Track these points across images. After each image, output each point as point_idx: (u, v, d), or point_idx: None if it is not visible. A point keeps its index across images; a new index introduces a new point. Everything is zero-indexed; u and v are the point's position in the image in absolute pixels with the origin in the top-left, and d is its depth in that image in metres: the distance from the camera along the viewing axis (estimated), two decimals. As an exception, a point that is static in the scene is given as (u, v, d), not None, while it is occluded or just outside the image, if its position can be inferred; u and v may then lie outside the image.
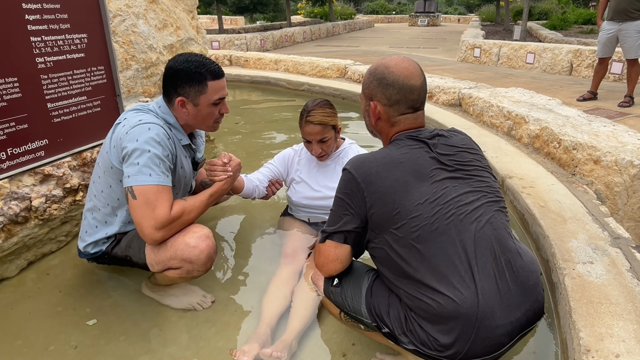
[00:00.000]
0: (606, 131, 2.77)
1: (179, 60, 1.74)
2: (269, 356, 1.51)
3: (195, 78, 1.72)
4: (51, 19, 2.05)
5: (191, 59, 1.73)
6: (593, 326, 1.36)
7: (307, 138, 2.07)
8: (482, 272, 1.25)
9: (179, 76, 1.72)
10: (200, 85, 1.73)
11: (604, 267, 1.65)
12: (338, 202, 1.43)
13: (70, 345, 1.64)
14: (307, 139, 2.08)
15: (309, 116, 2.02)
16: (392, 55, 1.49)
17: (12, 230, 1.93)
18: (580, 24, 14.93)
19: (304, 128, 2.05)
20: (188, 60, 1.72)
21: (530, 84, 6.73)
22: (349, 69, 6.37)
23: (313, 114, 2.02)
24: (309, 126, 2.03)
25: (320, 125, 2.01)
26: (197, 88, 1.73)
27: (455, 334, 1.23)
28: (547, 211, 2.13)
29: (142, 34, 2.80)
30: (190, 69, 1.71)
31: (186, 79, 1.72)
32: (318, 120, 2.01)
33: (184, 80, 1.72)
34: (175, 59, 1.75)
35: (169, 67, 1.74)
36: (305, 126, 2.04)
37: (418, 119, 1.47)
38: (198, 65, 1.72)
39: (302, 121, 2.06)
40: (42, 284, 1.98)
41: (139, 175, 1.60)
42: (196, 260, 1.66)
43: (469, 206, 1.32)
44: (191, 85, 1.73)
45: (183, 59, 1.73)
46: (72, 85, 2.19)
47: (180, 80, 1.72)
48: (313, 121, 2.01)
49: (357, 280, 1.50)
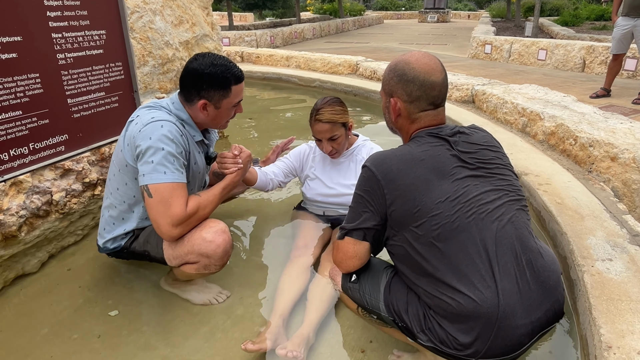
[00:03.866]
0: (623, 128, 2.74)
1: (204, 63, 1.70)
2: (284, 356, 1.50)
3: (221, 83, 1.71)
4: (71, 15, 2.08)
5: (217, 62, 1.70)
6: (614, 323, 1.35)
7: (317, 136, 2.09)
8: (503, 271, 1.24)
9: (204, 80, 1.69)
10: (225, 90, 1.72)
11: (624, 264, 1.65)
12: (357, 199, 1.42)
13: (94, 334, 1.68)
14: (317, 137, 2.09)
15: (318, 114, 2.03)
16: (412, 51, 1.47)
17: (34, 224, 1.97)
18: (592, 20, 14.75)
19: (314, 126, 2.07)
20: (214, 64, 1.69)
21: (542, 80, 6.67)
22: (360, 65, 6.35)
23: (322, 112, 2.02)
24: (318, 124, 2.04)
25: (329, 123, 2.02)
26: (221, 93, 1.72)
27: (475, 333, 1.22)
28: (564, 208, 2.12)
29: (158, 30, 2.82)
30: (217, 73, 1.69)
31: (211, 83, 1.70)
32: (327, 118, 2.02)
33: (209, 84, 1.70)
34: (199, 61, 1.71)
35: (194, 68, 1.70)
36: (315, 124, 2.05)
37: (439, 116, 1.46)
38: (224, 70, 1.70)
39: (311, 120, 2.08)
40: (63, 278, 2.01)
41: (154, 174, 1.60)
42: (213, 254, 1.67)
43: (491, 205, 1.31)
44: (216, 90, 1.71)
45: (208, 62, 1.70)
46: (92, 81, 2.21)
47: (205, 84, 1.70)
48: (322, 119, 2.02)
49: (375, 277, 1.50)
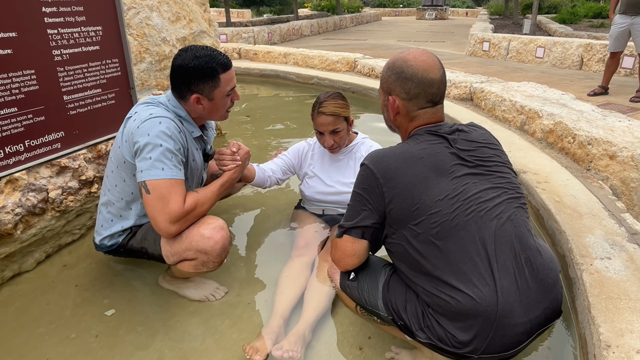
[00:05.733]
0: (622, 126, 2.74)
1: (187, 57, 1.68)
2: (280, 357, 1.48)
3: (208, 74, 1.69)
4: (67, 11, 2.06)
5: (199, 54, 1.68)
6: (613, 322, 1.35)
7: (320, 129, 2.07)
8: (502, 269, 1.24)
9: (191, 74, 1.68)
10: (214, 80, 1.71)
11: (622, 262, 1.65)
12: (356, 197, 1.42)
13: (91, 334, 1.66)
14: (320, 130, 2.08)
15: (322, 107, 2.02)
16: (410, 49, 1.47)
17: (30, 222, 1.95)
18: (590, 18, 14.76)
19: (316, 119, 2.05)
20: (197, 57, 1.67)
21: (540, 78, 6.67)
22: (358, 62, 6.33)
23: (325, 105, 2.02)
24: (321, 117, 2.03)
25: (333, 116, 2.01)
26: (210, 84, 1.71)
27: (473, 331, 1.22)
28: (563, 206, 2.12)
29: (155, 26, 2.80)
30: (202, 65, 1.67)
31: (198, 76, 1.69)
32: (330, 111, 2.01)
33: (196, 77, 1.69)
34: (182, 57, 1.69)
35: (178, 65, 1.69)
36: (318, 117, 2.04)
37: (437, 113, 1.46)
38: (208, 60, 1.68)
39: (314, 112, 2.06)
40: (59, 277, 2.00)
41: (152, 170, 1.59)
42: (211, 251, 1.66)
43: (490, 203, 1.31)
44: (205, 81, 1.70)
45: (191, 55, 1.68)
46: (88, 77, 2.20)
47: (193, 78, 1.69)
48: (325, 112, 2.01)
49: (374, 275, 1.50)
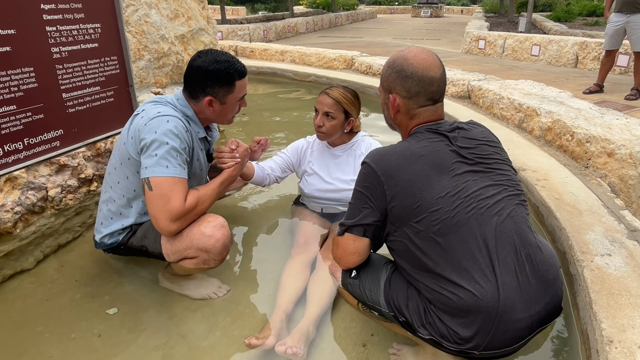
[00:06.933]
0: (619, 124, 2.76)
1: (208, 60, 1.73)
2: (283, 353, 1.48)
3: (225, 79, 1.74)
4: (66, 8, 2.04)
5: (220, 59, 1.74)
6: (614, 317, 1.36)
7: (317, 106, 2.12)
8: (503, 265, 1.25)
9: (209, 77, 1.73)
10: (230, 85, 1.76)
11: (623, 259, 1.66)
12: (357, 196, 1.42)
13: (94, 333, 1.66)
14: (317, 107, 2.12)
15: (329, 89, 2.10)
16: (410, 47, 1.48)
17: (30, 220, 1.94)
18: (584, 16, 14.83)
19: (319, 97, 2.11)
20: (217, 61, 1.73)
21: (535, 76, 6.70)
22: (355, 60, 6.32)
23: (333, 89, 2.10)
24: (324, 96, 2.09)
25: (334, 100, 2.06)
26: (226, 88, 1.76)
27: (475, 327, 1.23)
28: (562, 204, 2.13)
29: (154, 24, 2.79)
30: (221, 69, 1.72)
31: (216, 80, 1.74)
32: (334, 96, 2.07)
33: (213, 80, 1.74)
34: (202, 59, 1.74)
35: (198, 66, 1.73)
36: (321, 95, 2.11)
37: (437, 111, 1.46)
38: (228, 65, 1.74)
39: (321, 93, 2.12)
40: (59, 275, 1.99)
41: (156, 167, 1.60)
42: (212, 249, 1.66)
43: (490, 200, 1.32)
44: (221, 86, 1.75)
45: (212, 59, 1.73)
46: (86, 75, 2.18)
47: (210, 81, 1.74)
48: (330, 94, 2.08)
49: (375, 273, 1.50)
